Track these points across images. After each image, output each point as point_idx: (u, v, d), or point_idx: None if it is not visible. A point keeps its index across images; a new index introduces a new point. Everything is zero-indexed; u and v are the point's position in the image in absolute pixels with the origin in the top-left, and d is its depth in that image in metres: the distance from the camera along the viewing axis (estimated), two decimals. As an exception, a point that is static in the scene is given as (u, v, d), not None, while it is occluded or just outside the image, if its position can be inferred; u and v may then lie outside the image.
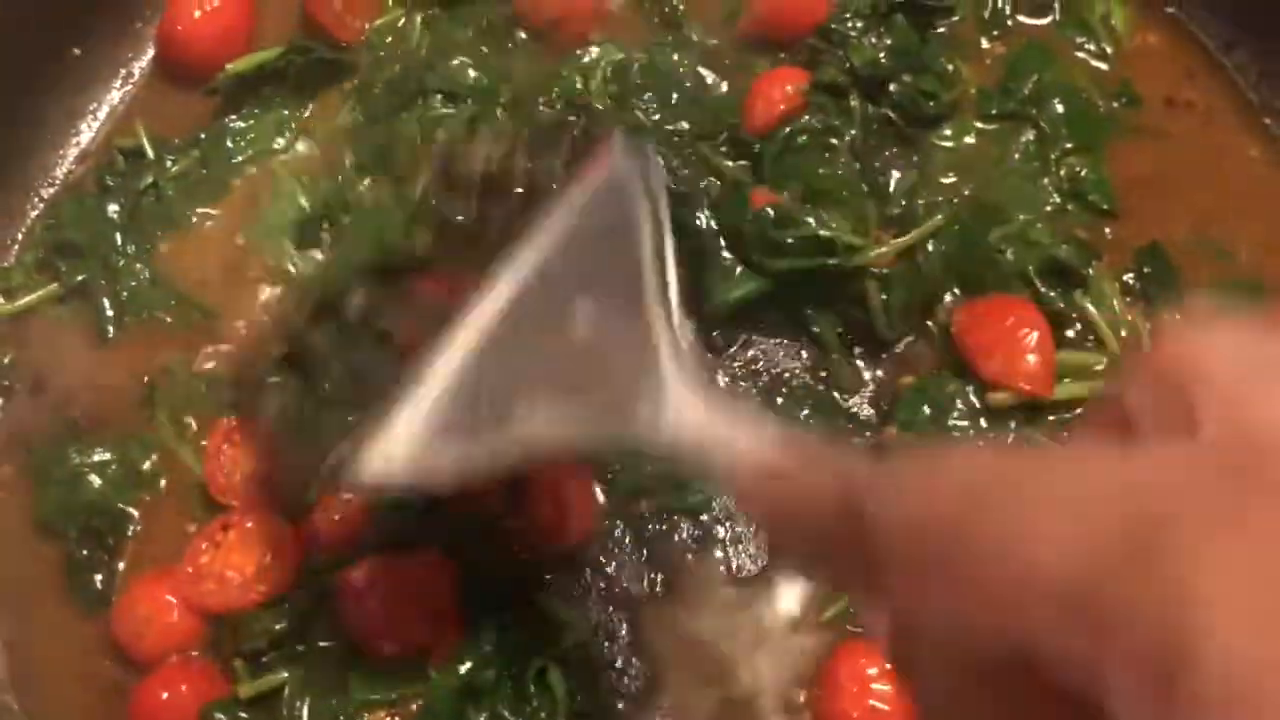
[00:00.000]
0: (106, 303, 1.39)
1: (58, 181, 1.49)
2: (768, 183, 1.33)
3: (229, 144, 1.45)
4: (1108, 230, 1.35)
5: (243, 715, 1.16)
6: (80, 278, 1.40)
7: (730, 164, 1.36)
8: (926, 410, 1.24)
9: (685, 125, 1.39)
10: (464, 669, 1.13)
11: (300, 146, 1.45)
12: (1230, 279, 1.32)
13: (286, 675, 1.17)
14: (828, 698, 1.13)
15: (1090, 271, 1.30)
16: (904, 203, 1.34)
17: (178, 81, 1.52)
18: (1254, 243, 1.35)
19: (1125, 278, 1.32)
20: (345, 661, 1.16)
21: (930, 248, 1.30)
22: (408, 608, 1.15)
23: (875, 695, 1.09)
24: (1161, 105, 1.43)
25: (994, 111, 1.40)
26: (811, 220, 1.26)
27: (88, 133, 1.51)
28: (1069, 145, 1.39)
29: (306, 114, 1.46)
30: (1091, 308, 1.30)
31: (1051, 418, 1.24)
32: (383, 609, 1.15)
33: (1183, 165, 1.39)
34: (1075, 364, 1.26)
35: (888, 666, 1.09)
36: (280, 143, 1.45)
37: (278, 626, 1.18)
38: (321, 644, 1.17)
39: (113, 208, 1.42)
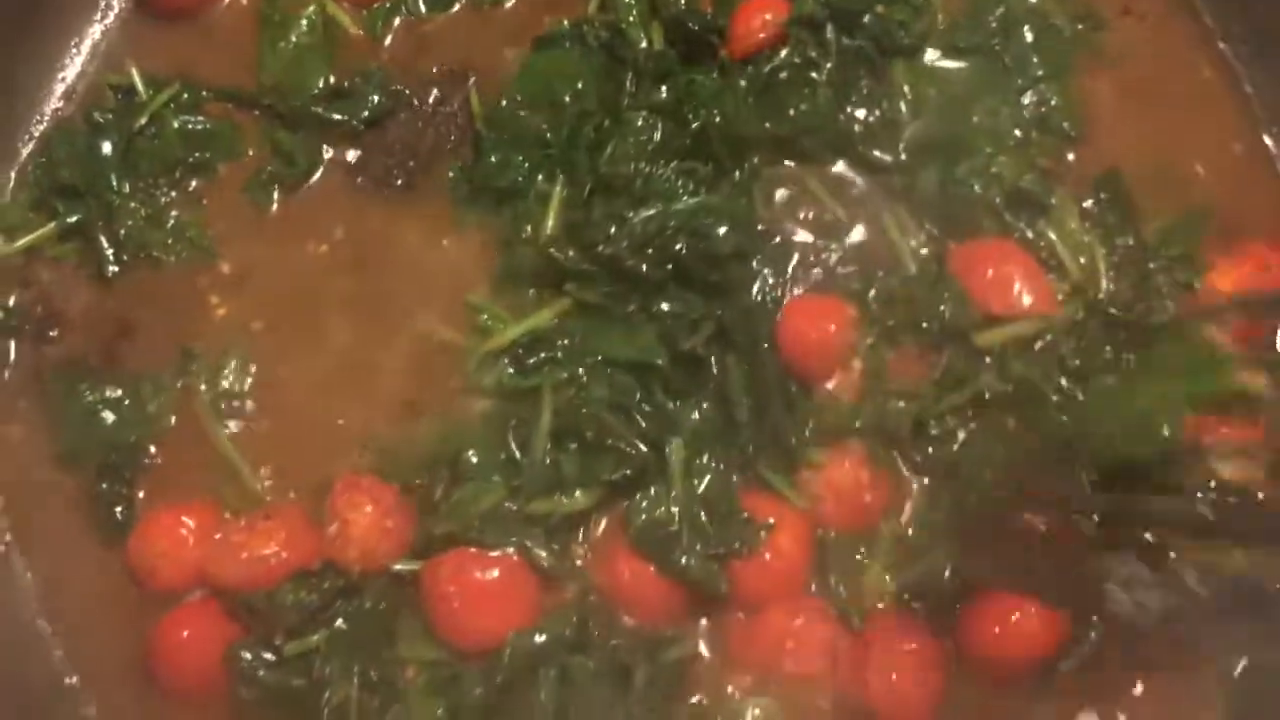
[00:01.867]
0: (104, 241, 1.43)
1: (46, 118, 1.51)
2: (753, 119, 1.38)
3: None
4: (1070, 156, 1.42)
5: (268, 657, 1.23)
6: (76, 217, 1.43)
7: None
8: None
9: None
10: (540, 639, 1.20)
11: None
12: (1184, 204, 1.39)
13: (320, 637, 1.23)
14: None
15: (1053, 200, 1.37)
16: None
17: (156, 17, 1.53)
18: (1207, 165, 1.42)
19: (1085, 204, 1.38)
20: (391, 619, 1.23)
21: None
22: (493, 605, 1.21)
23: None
24: (1119, 15, 1.48)
25: (962, 45, 1.45)
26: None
27: (73, 69, 1.52)
28: (1039, 74, 1.44)
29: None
30: (1054, 235, 1.37)
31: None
32: (466, 607, 1.21)
33: (1141, 91, 1.45)
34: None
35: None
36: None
37: (307, 600, 1.23)
38: (365, 605, 1.24)
39: (106, 146, 1.44)
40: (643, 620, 1.24)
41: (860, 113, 1.42)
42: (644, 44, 1.43)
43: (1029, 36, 1.46)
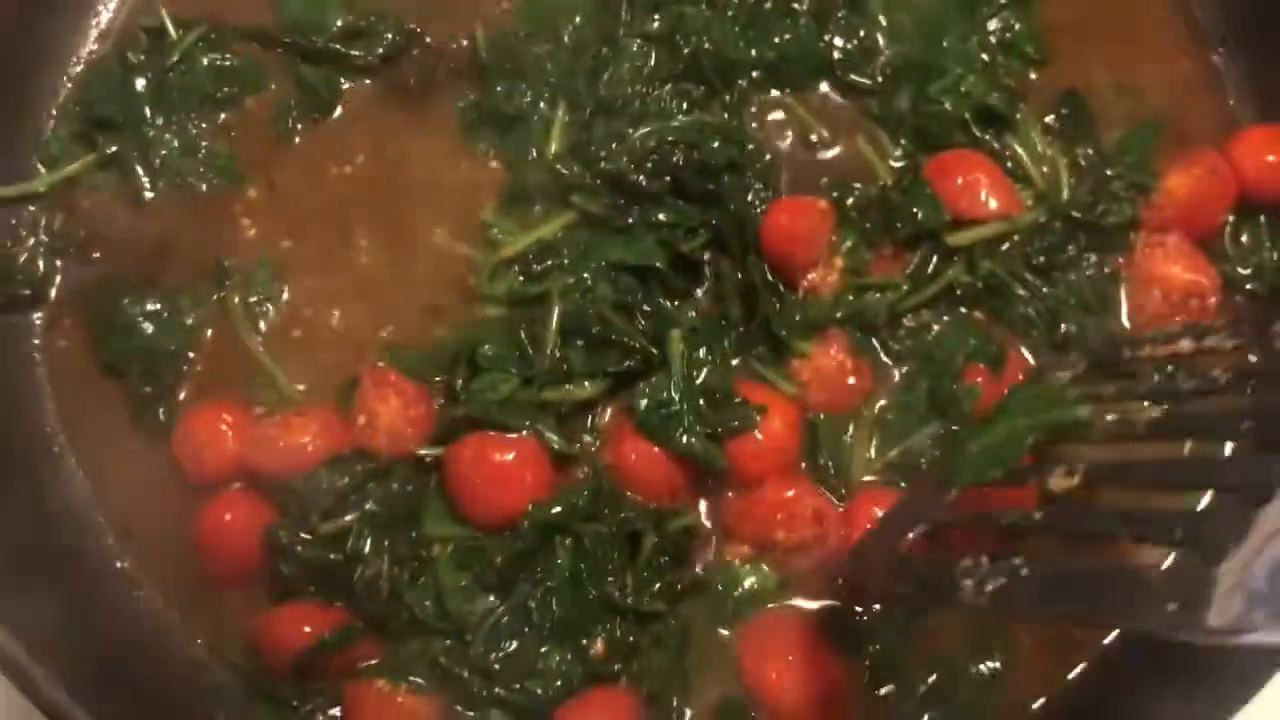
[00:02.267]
0: (140, 170, 1.54)
1: (82, 60, 1.62)
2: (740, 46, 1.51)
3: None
4: (1033, 76, 1.53)
5: (306, 536, 1.34)
6: (113, 148, 1.54)
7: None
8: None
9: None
10: (556, 510, 1.31)
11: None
12: (1139, 116, 1.51)
13: (353, 518, 1.34)
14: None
15: (1018, 116, 1.49)
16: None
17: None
18: (1160, 83, 1.54)
19: (1047, 119, 1.50)
20: (417, 502, 1.34)
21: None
22: (511, 484, 1.32)
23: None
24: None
25: None
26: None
27: (106, 14, 1.63)
28: (1003, 1, 1.56)
29: None
30: (1020, 149, 1.48)
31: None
32: (486, 486, 1.31)
33: (1097, 18, 1.56)
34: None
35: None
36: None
37: (340, 483, 1.34)
38: (394, 486, 1.35)
39: (140, 83, 1.55)
40: (648, 498, 1.35)
41: (839, 40, 1.53)
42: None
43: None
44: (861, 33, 1.54)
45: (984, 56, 1.53)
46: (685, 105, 1.47)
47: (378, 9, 1.58)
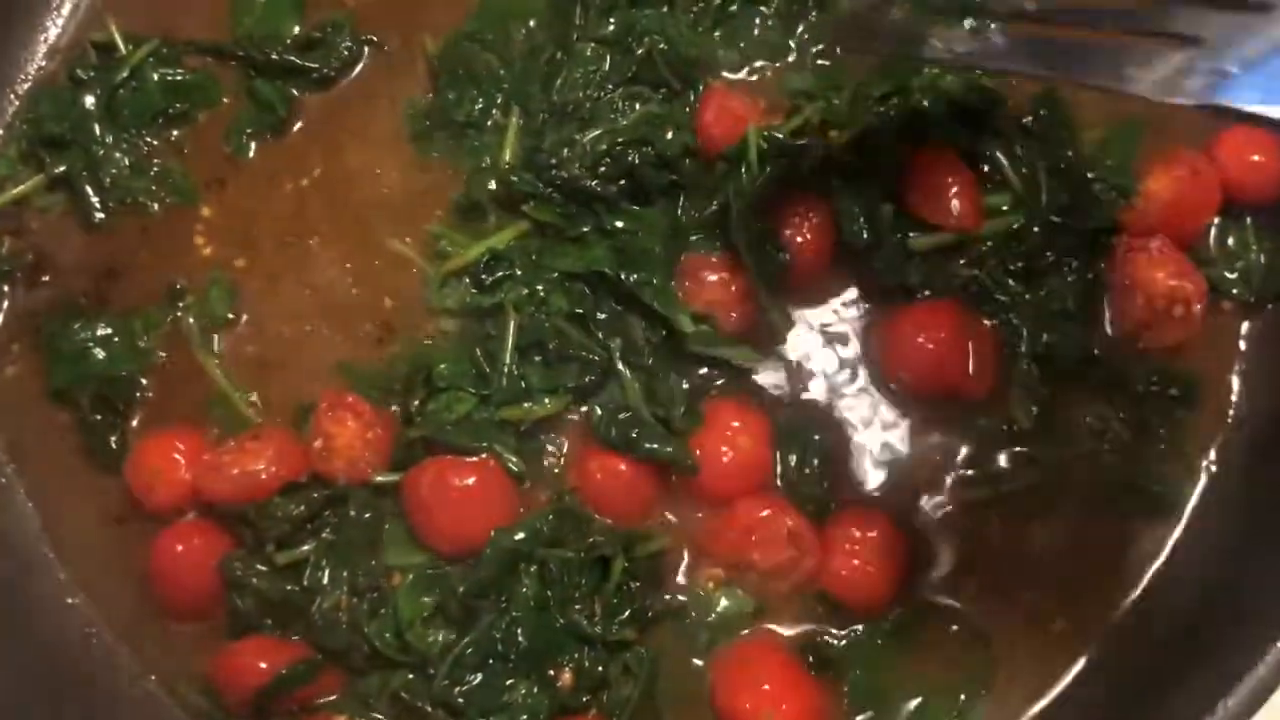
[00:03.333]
0: (90, 190, 1.49)
1: (30, 77, 1.57)
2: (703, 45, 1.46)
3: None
4: (1012, 80, 1.49)
5: (262, 568, 1.30)
6: (62, 168, 1.50)
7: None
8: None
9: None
10: (519, 536, 1.26)
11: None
12: (1119, 118, 1.46)
13: (310, 547, 1.30)
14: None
15: (997, 118, 1.44)
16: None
17: (137, -25, 1.59)
18: (1140, 84, 1.49)
19: (1025, 120, 1.45)
20: (376, 529, 1.30)
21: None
22: (472, 510, 1.28)
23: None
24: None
25: None
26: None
27: (54, 29, 1.58)
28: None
29: None
30: (998, 151, 1.44)
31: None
32: (446, 513, 1.27)
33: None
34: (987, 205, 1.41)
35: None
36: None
37: (296, 511, 1.30)
38: (351, 514, 1.31)
39: (89, 100, 1.51)
40: (617, 518, 1.31)
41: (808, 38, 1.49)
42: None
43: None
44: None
45: (963, 55, 1.48)
46: (638, 106, 1.43)
47: (333, 19, 1.54)
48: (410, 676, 1.26)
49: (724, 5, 1.48)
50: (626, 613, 1.27)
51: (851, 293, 1.40)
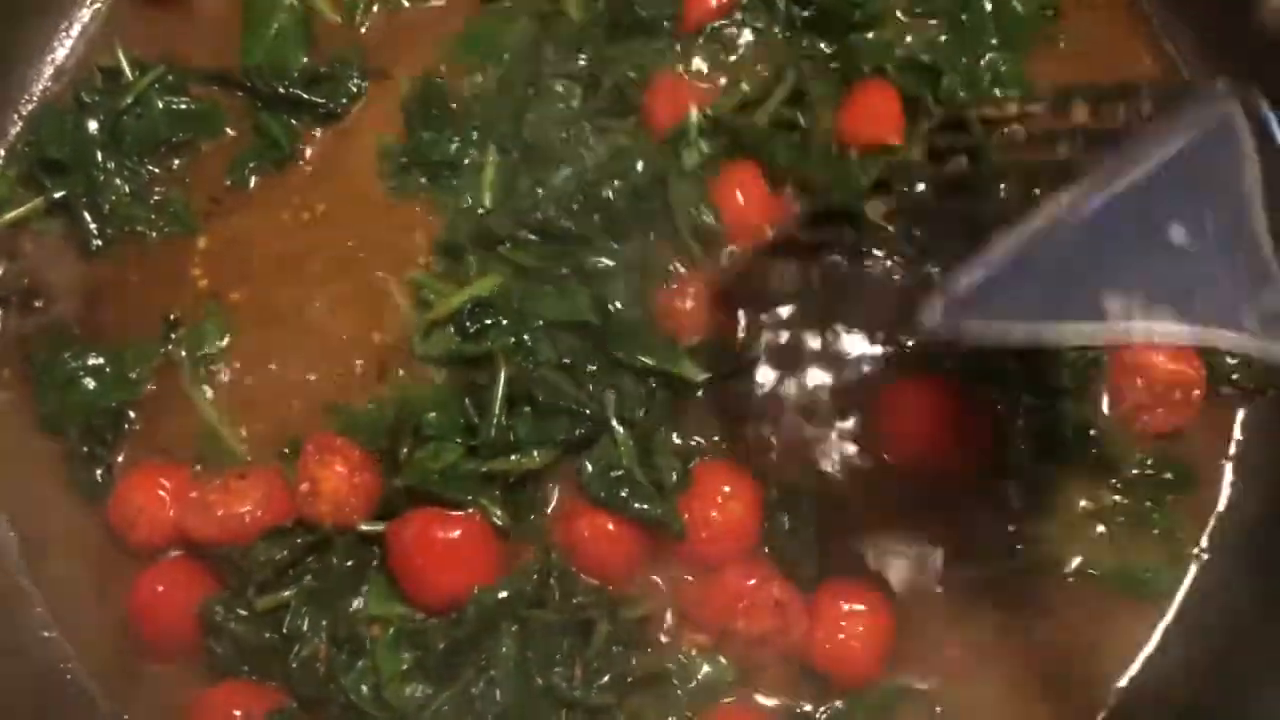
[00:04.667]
0: (88, 216, 1.48)
1: (35, 99, 1.56)
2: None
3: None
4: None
5: (242, 612, 1.28)
6: (62, 193, 1.49)
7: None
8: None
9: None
10: (503, 594, 1.25)
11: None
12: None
13: (291, 593, 1.29)
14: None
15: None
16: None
17: (144, 1, 1.59)
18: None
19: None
20: (359, 578, 1.29)
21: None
22: (455, 565, 1.26)
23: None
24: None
25: (919, 11, 1.52)
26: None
27: (62, 50, 1.58)
28: (993, 41, 1.51)
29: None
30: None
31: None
32: (429, 566, 1.26)
33: (1087, 73, 1.50)
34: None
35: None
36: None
37: (279, 556, 1.29)
38: (334, 561, 1.29)
39: (92, 125, 1.50)
40: (603, 579, 1.30)
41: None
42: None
43: (987, 6, 1.53)
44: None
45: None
46: (604, 139, 1.44)
47: (341, 53, 1.53)
48: (386, 731, 1.25)
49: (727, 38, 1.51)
50: (607, 677, 1.26)
51: (854, 361, 1.39)
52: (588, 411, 1.31)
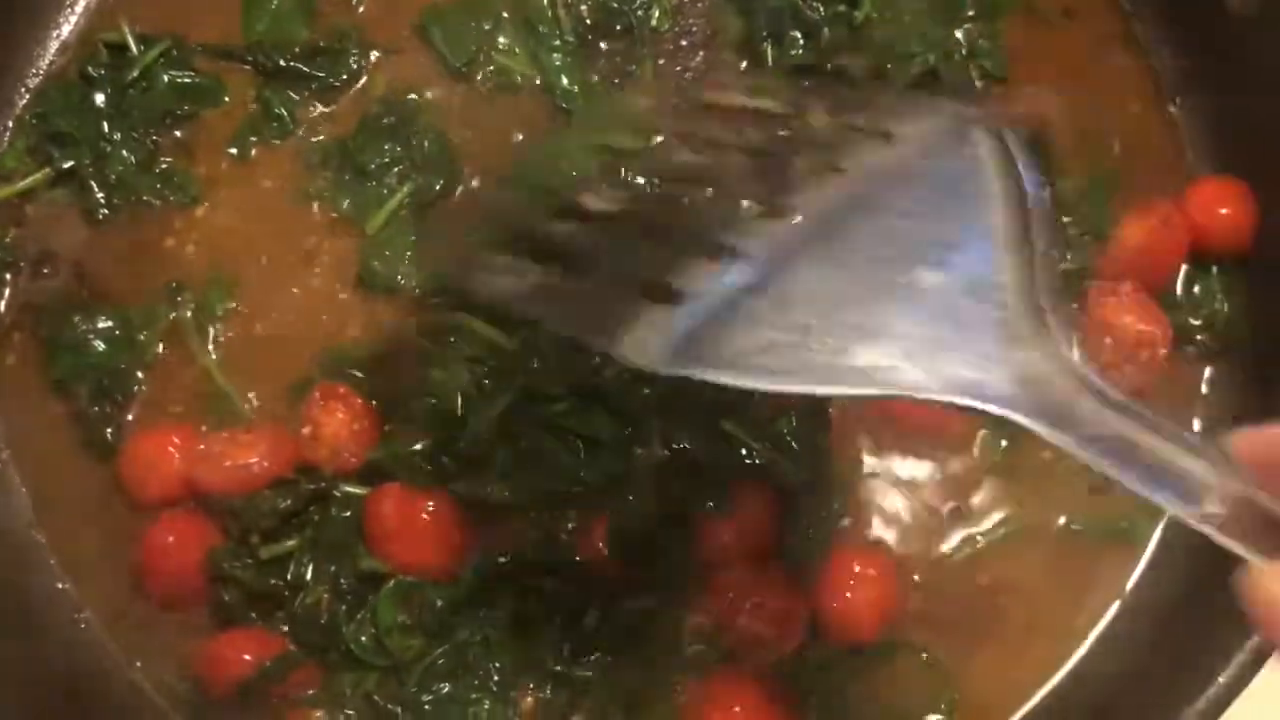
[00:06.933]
0: (95, 186, 1.53)
1: (41, 72, 1.60)
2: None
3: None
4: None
5: (248, 561, 1.34)
6: (69, 163, 1.53)
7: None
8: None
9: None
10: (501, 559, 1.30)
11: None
12: (1097, 164, 1.51)
13: (294, 542, 1.34)
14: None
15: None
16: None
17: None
18: (1118, 130, 1.54)
19: (1009, 163, 1.50)
20: (357, 529, 1.33)
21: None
22: (428, 540, 1.31)
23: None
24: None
25: None
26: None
27: (67, 26, 1.62)
28: (970, 13, 1.55)
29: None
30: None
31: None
32: (404, 541, 1.31)
33: (1061, 53, 1.56)
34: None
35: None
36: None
37: (282, 505, 1.34)
38: (333, 512, 1.34)
39: (99, 98, 1.54)
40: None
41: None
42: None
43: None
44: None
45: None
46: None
47: (340, 28, 1.58)
48: (383, 679, 1.31)
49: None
50: (594, 655, 1.31)
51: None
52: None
